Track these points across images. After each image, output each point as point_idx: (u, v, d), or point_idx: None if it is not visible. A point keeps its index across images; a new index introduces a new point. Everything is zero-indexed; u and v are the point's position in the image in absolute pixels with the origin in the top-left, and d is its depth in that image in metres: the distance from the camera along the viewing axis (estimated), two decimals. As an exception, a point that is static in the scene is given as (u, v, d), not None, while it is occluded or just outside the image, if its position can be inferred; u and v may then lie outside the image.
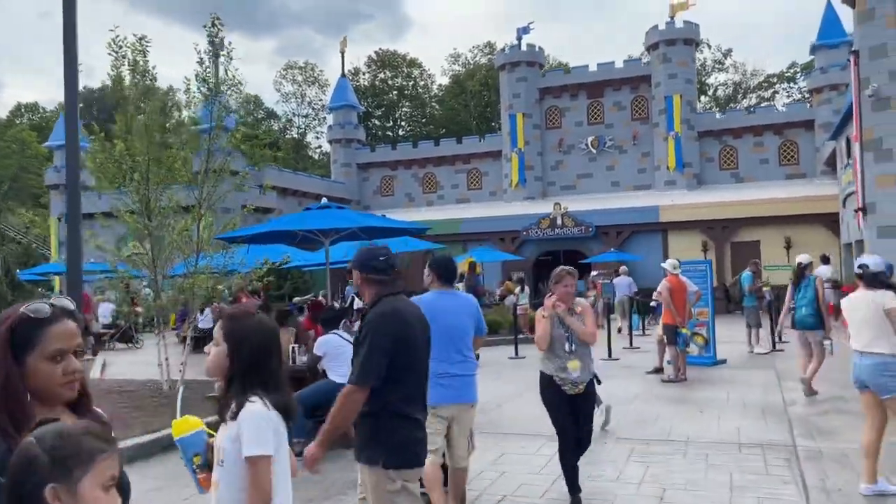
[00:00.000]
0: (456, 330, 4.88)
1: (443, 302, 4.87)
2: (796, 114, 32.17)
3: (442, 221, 31.09)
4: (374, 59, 64.81)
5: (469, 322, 5.00)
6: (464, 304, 5.08)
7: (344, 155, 39.09)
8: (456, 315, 4.91)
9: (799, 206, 26.27)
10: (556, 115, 35.71)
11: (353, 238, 10.15)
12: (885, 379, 5.47)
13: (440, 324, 4.56)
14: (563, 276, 5.61)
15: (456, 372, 4.82)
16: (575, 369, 5.52)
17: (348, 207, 17.54)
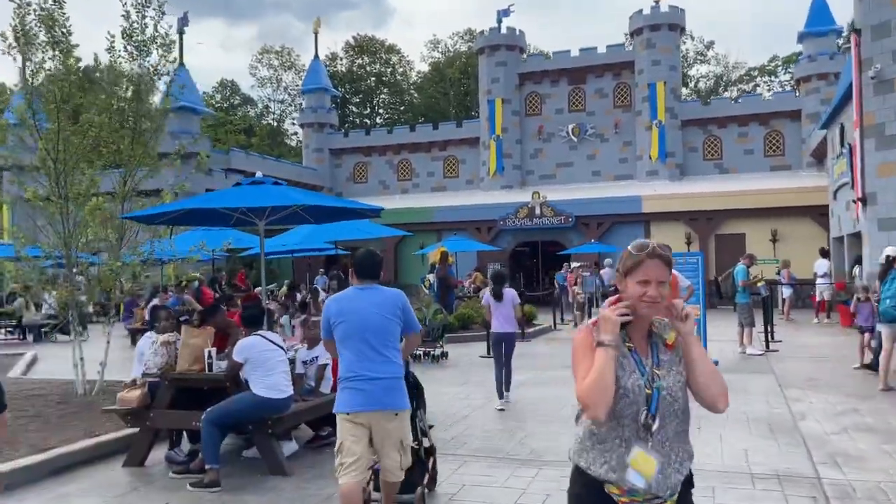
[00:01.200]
0: (371, 326, 4.39)
1: (358, 297, 4.46)
2: (782, 103, 31.01)
3: (416, 210, 29.62)
4: (352, 44, 63.02)
5: (390, 319, 4.48)
6: (384, 298, 4.52)
7: (316, 140, 37.39)
8: (373, 311, 4.42)
9: (786, 198, 25.11)
10: (537, 102, 34.29)
11: (296, 220, 8.63)
12: None
13: (353, 321, 4.35)
14: (646, 259, 2.52)
15: (372, 374, 4.34)
16: (648, 471, 2.47)
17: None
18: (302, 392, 6.96)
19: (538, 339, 17.12)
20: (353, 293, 4.52)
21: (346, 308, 4.44)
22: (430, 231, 28.62)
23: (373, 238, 29.81)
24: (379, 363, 4.37)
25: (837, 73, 29.92)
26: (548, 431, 7.76)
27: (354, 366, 4.35)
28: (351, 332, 4.37)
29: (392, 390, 4.41)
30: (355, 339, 4.36)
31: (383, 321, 4.43)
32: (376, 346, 4.39)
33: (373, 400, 4.32)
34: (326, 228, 12.71)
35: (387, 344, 4.44)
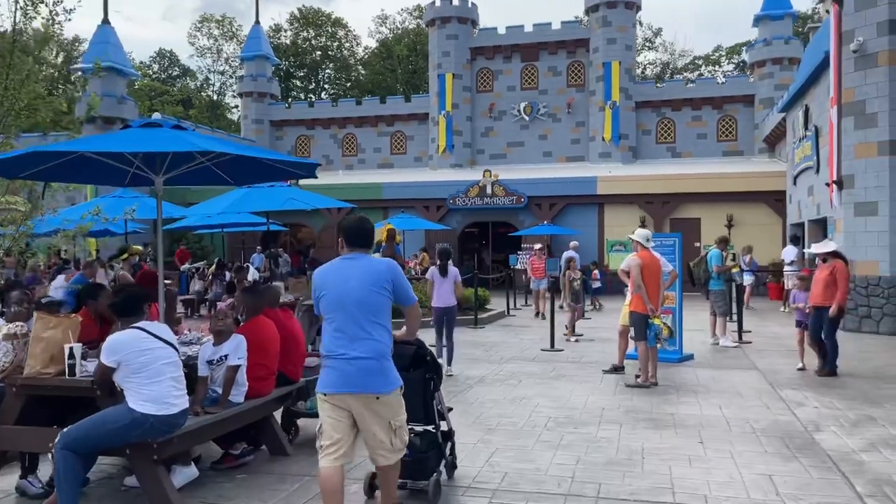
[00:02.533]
0: (354, 300, 3.94)
1: (344, 268, 4.02)
2: (736, 87, 30.14)
3: (362, 185, 27.73)
4: (297, 16, 60.16)
5: (377, 292, 3.98)
6: (372, 269, 4.02)
7: (256, 110, 34.97)
8: (357, 283, 3.95)
9: (743, 182, 24.16)
10: (488, 78, 32.64)
11: (209, 179, 6.76)
12: None
13: (335, 293, 3.95)
14: None
15: (351, 353, 3.90)
16: None
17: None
18: (205, 403, 5.22)
19: (492, 326, 15.59)
20: (339, 263, 4.07)
21: (329, 280, 4.01)
22: (376, 209, 26.77)
23: (310, 210, 27.78)
24: (360, 341, 3.92)
25: (792, 57, 29.22)
26: (521, 447, 6.20)
27: (333, 343, 3.96)
28: (333, 306, 3.96)
29: (372, 372, 3.92)
30: (337, 314, 3.96)
31: (369, 294, 3.95)
32: (360, 321, 3.94)
33: (350, 382, 3.91)
34: (256, 197, 10.85)
35: (371, 320, 3.96)
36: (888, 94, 13.45)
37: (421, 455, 4.80)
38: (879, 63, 13.57)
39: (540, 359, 11.19)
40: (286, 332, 6.07)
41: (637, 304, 8.96)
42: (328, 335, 3.99)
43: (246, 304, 5.96)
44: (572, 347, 12.33)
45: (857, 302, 13.97)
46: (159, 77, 64.57)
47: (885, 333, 13.49)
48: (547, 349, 12.04)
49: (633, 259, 9.04)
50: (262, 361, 5.64)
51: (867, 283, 13.83)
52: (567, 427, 6.86)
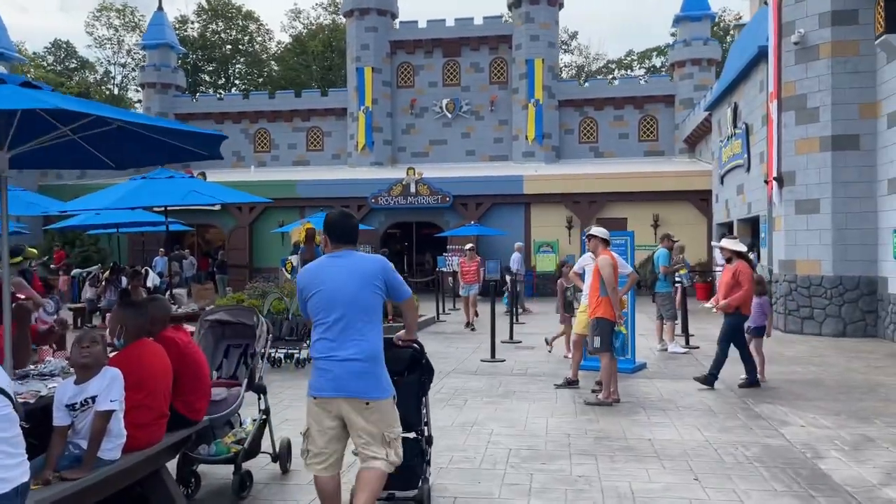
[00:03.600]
0: (344, 299, 3.69)
1: (332, 265, 3.78)
2: (657, 87, 30.05)
3: (275, 183, 25.92)
4: (205, 7, 57.10)
5: (368, 289, 3.73)
6: (361, 266, 3.78)
7: (160, 102, 32.46)
8: (347, 280, 3.71)
9: (668, 181, 23.85)
10: (409, 73, 31.39)
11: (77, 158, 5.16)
12: None
13: (324, 292, 3.74)
14: None
15: (342, 355, 3.67)
16: None
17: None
18: (61, 465, 3.71)
19: (423, 334, 14.30)
20: (327, 261, 3.84)
21: (317, 278, 3.77)
22: (291, 208, 25.06)
23: (219, 208, 25.69)
24: (351, 342, 3.69)
25: (710, 58, 29.34)
26: (486, 497, 4.95)
27: (324, 344, 3.73)
28: (322, 305, 3.72)
29: (363, 375, 3.68)
30: (327, 314, 3.72)
31: (359, 292, 3.73)
32: (351, 321, 3.70)
33: (340, 385, 3.67)
34: (151, 190, 9.15)
35: (363, 318, 3.73)
36: (830, 87, 13.01)
37: (408, 463, 4.30)
38: (821, 55, 13.12)
39: (482, 371, 10.00)
40: (182, 359, 4.59)
41: (606, 310, 7.87)
42: (317, 337, 3.77)
43: (124, 322, 4.41)
44: (515, 357, 11.21)
45: (798, 303, 13.49)
46: (54, 69, 60.12)
47: (828, 335, 13.03)
48: (488, 360, 10.88)
49: (603, 259, 7.94)
50: (147, 402, 4.15)
51: (809, 283, 13.36)
52: (534, 463, 5.66)
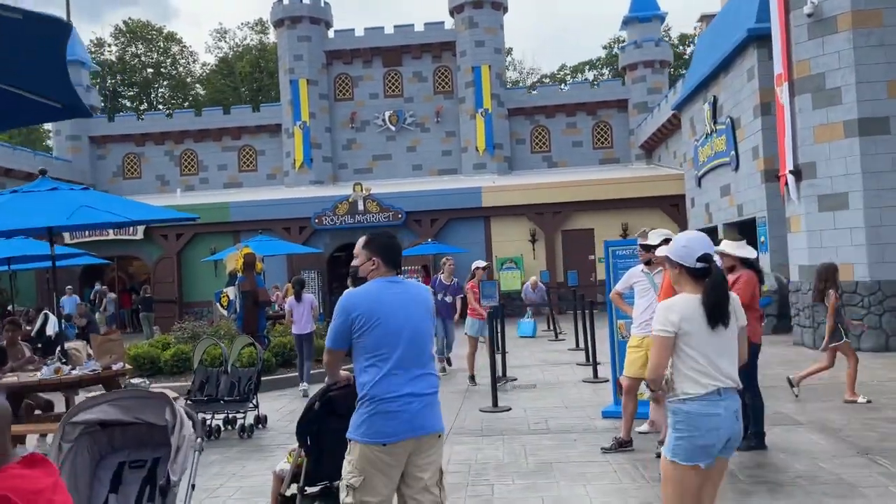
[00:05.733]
0: (415, 331, 3.28)
1: (394, 293, 3.29)
2: (609, 92, 28.34)
3: (205, 207, 22.75)
4: (123, 29, 53.19)
5: (428, 318, 3.40)
6: (419, 294, 3.41)
7: (71, 124, 28.83)
8: (414, 311, 3.31)
9: (635, 188, 21.93)
10: (348, 85, 28.82)
11: None
12: None
13: (393, 324, 3.23)
14: None
15: (418, 390, 3.23)
16: None
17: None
18: None
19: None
20: (386, 286, 3.29)
21: (380, 307, 3.22)
22: (224, 233, 22.01)
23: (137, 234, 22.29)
24: (422, 377, 3.27)
25: (663, 60, 27.84)
26: None
27: (393, 382, 3.17)
28: (390, 339, 3.21)
29: (435, 407, 3.32)
30: (396, 348, 3.21)
31: (424, 323, 3.34)
32: (419, 355, 3.29)
33: (417, 424, 3.21)
34: (24, 207, 6.31)
35: (428, 352, 3.38)
36: (853, 63, 11.12)
37: None
38: (840, 28, 11.23)
39: (491, 428, 7.45)
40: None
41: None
42: (381, 374, 3.19)
43: None
44: (519, 402, 8.72)
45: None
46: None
47: (868, 350, 11.02)
48: (489, 409, 8.34)
49: (664, 276, 5.54)
50: None
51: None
52: None
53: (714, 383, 3.17)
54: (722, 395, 3.18)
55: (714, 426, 3.15)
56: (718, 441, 3.17)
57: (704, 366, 3.18)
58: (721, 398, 3.18)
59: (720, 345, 3.22)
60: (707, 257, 3.25)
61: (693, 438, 3.15)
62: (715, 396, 3.17)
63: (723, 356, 3.23)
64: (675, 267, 3.34)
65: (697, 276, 3.26)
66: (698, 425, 3.14)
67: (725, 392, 3.20)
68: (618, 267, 8.08)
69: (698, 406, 3.16)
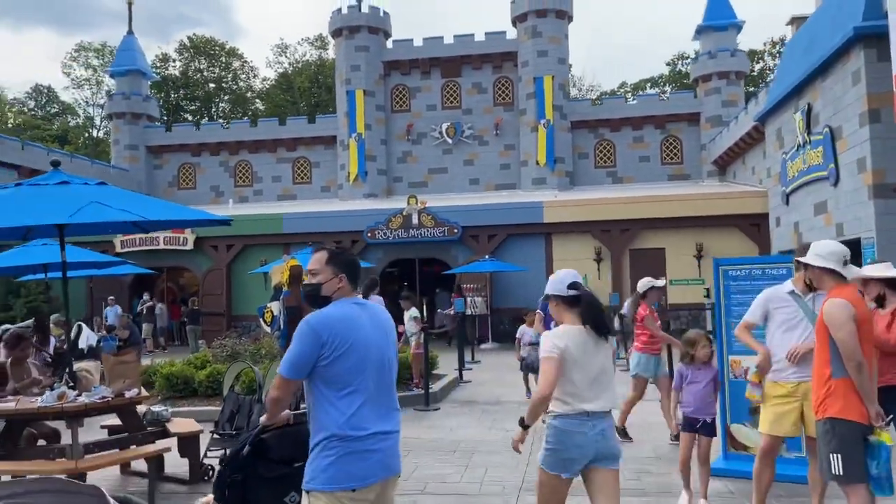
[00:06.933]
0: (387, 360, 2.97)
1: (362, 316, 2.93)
2: (680, 105, 26.65)
3: (257, 218, 22.00)
4: (187, 45, 53.86)
5: (395, 348, 3.08)
6: (382, 317, 3.06)
7: (130, 133, 28.63)
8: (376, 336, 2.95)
9: (712, 205, 20.17)
10: (405, 96, 27.87)
11: None
12: None
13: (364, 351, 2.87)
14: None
15: (387, 428, 2.90)
16: None
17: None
18: None
19: (449, 405, 10.30)
20: (356, 310, 2.92)
21: (353, 332, 2.84)
22: (275, 245, 21.12)
23: (187, 244, 21.49)
24: (393, 412, 2.97)
25: (739, 72, 26.05)
26: None
27: (366, 417, 2.82)
28: (362, 369, 2.83)
29: (398, 446, 3.01)
30: (368, 379, 2.85)
31: (393, 352, 3.03)
32: (388, 387, 2.96)
33: (387, 464, 2.90)
34: (27, 202, 5.27)
35: (394, 385, 3.03)
36: None
37: None
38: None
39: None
40: None
41: (848, 404, 3.96)
42: (354, 408, 2.80)
43: None
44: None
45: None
46: (35, 114, 56.80)
47: None
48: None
49: (835, 306, 4.03)
50: None
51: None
52: None
53: (582, 406, 3.49)
54: (590, 417, 3.50)
55: (578, 443, 3.46)
56: (582, 457, 3.48)
57: (578, 390, 3.50)
58: (588, 419, 3.49)
59: (596, 371, 3.54)
60: (575, 285, 3.62)
61: (558, 451, 3.48)
62: (583, 417, 3.49)
63: (596, 382, 3.55)
64: (553, 300, 3.69)
65: (572, 303, 3.62)
66: (564, 440, 3.47)
67: (594, 415, 3.51)
68: (730, 291, 6.61)
69: (565, 423, 3.48)
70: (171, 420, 6.51)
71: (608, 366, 3.60)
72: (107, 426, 6.54)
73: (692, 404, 5.54)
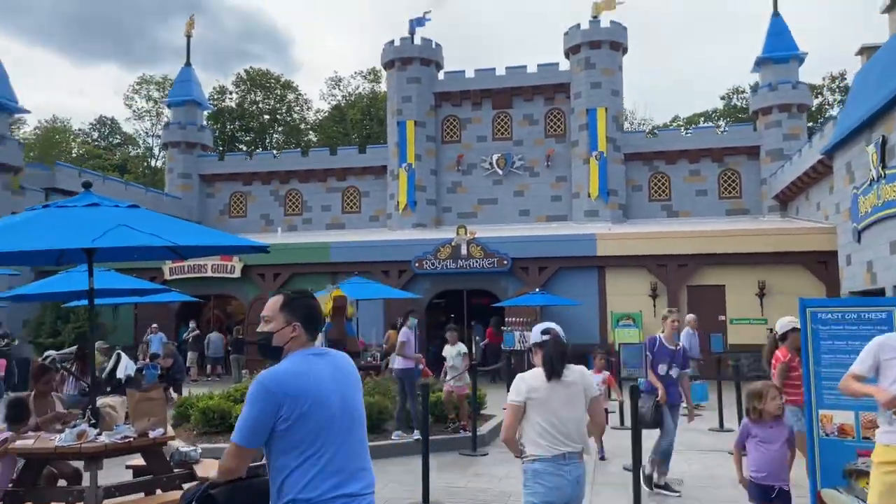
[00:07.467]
0: (354, 416, 2.68)
1: (322, 368, 2.65)
2: (739, 138, 25.69)
3: (304, 247, 21.78)
4: (244, 77, 55.04)
5: (361, 400, 2.78)
6: (344, 367, 2.76)
7: (184, 162, 29.00)
8: (350, 390, 2.71)
9: (776, 241, 19.11)
10: (455, 127, 27.59)
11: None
12: None
13: (326, 408, 2.59)
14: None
15: (358, 489, 2.63)
16: None
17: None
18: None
19: (496, 450, 9.57)
20: (314, 361, 2.64)
21: (313, 389, 2.56)
22: (322, 273, 20.81)
23: (234, 272, 21.44)
24: (361, 472, 2.66)
25: (802, 104, 25.00)
26: None
27: (330, 482, 2.56)
28: (324, 426, 2.56)
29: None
30: (333, 439, 2.59)
31: (360, 406, 2.74)
32: (356, 445, 2.67)
33: None
34: (53, 224, 4.93)
35: (365, 441, 2.73)
36: None
37: None
38: None
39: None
40: None
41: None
42: (313, 472, 2.54)
43: None
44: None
45: None
46: (99, 144, 58.85)
47: None
48: None
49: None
50: None
51: None
52: None
53: (559, 447, 3.60)
54: (566, 460, 3.61)
55: (556, 485, 3.57)
56: (559, 499, 3.59)
57: (548, 430, 3.61)
58: (565, 462, 3.60)
59: (565, 412, 3.64)
60: (547, 330, 3.89)
61: (537, 494, 3.60)
62: (560, 460, 3.60)
63: (568, 425, 3.64)
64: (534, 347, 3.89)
65: (541, 346, 3.83)
66: (544, 482, 3.59)
67: (570, 457, 3.62)
68: (820, 336, 5.83)
69: (542, 466, 3.61)
70: (199, 461, 6.01)
71: (579, 406, 3.70)
72: (132, 466, 6.08)
73: (765, 469, 4.81)
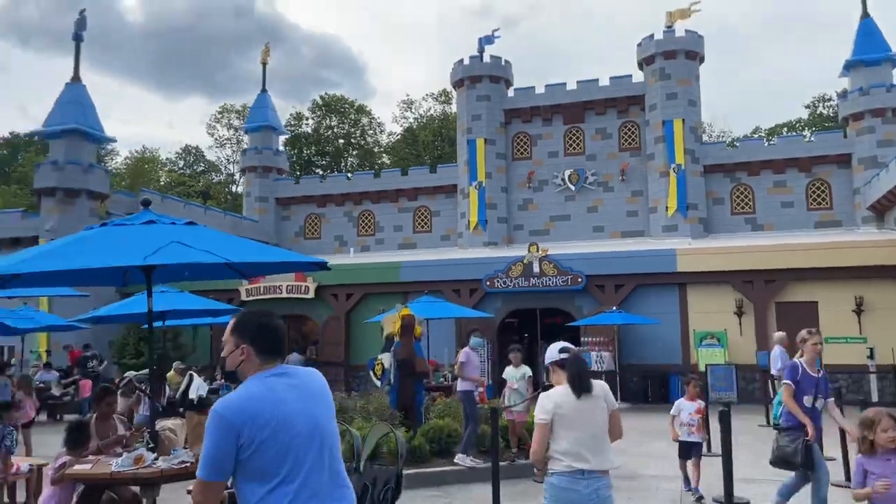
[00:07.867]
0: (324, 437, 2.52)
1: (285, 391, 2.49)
2: (828, 146, 24.20)
3: (375, 267, 21.71)
4: (320, 103, 56.33)
5: (333, 416, 2.62)
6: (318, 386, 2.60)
7: (260, 186, 29.62)
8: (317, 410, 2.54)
9: (874, 254, 17.73)
10: (526, 144, 27.14)
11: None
12: None
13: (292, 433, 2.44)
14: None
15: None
16: None
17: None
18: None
19: None
20: (274, 383, 2.48)
21: (274, 414, 2.41)
22: (393, 294, 20.63)
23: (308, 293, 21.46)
24: (336, 490, 2.50)
25: (896, 108, 23.37)
26: None
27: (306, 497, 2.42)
28: (292, 454, 2.41)
29: None
30: (302, 465, 2.42)
31: (333, 426, 2.59)
32: (330, 466, 2.51)
33: None
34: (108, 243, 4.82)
35: (341, 462, 2.59)
36: None
37: None
38: None
39: None
40: None
41: None
42: (289, 496, 2.38)
43: None
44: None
45: None
46: (184, 172, 61.50)
47: None
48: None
49: None
50: None
51: None
52: None
53: (578, 465, 3.65)
54: (585, 476, 3.65)
55: (572, 500, 3.63)
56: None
57: (571, 448, 3.66)
58: (583, 477, 3.65)
59: (590, 429, 3.70)
60: (564, 348, 3.94)
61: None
62: (578, 475, 3.65)
63: (592, 440, 3.70)
64: (551, 367, 3.94)
65: (562, 365, 3.86)
66: (559, 497, 3.67)
67: (589, 474, 3.66)
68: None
69: (560, 480, 3.68)
70: (260, 488, 5.74)
71: (602, 419, 3.75)
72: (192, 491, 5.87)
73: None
